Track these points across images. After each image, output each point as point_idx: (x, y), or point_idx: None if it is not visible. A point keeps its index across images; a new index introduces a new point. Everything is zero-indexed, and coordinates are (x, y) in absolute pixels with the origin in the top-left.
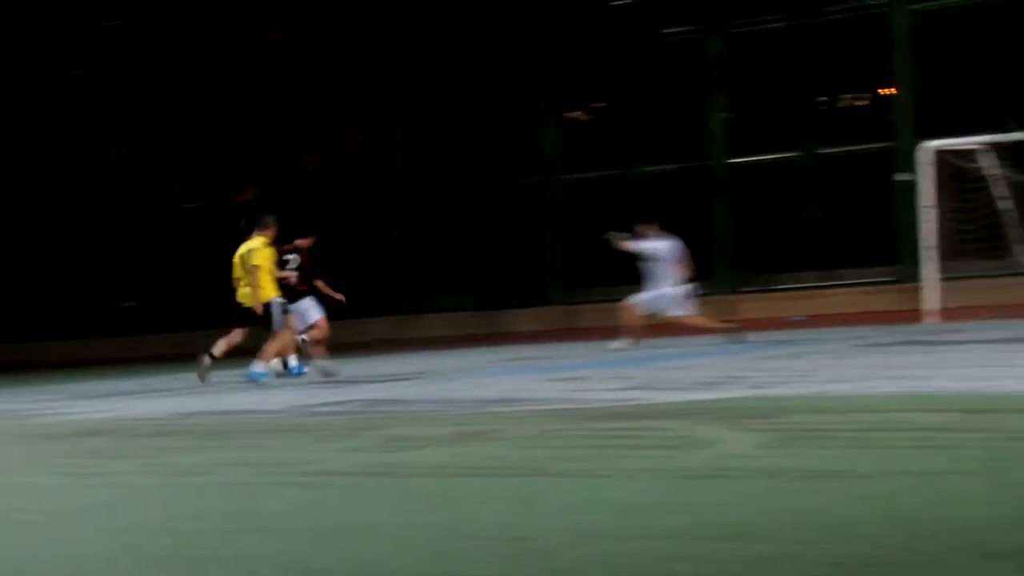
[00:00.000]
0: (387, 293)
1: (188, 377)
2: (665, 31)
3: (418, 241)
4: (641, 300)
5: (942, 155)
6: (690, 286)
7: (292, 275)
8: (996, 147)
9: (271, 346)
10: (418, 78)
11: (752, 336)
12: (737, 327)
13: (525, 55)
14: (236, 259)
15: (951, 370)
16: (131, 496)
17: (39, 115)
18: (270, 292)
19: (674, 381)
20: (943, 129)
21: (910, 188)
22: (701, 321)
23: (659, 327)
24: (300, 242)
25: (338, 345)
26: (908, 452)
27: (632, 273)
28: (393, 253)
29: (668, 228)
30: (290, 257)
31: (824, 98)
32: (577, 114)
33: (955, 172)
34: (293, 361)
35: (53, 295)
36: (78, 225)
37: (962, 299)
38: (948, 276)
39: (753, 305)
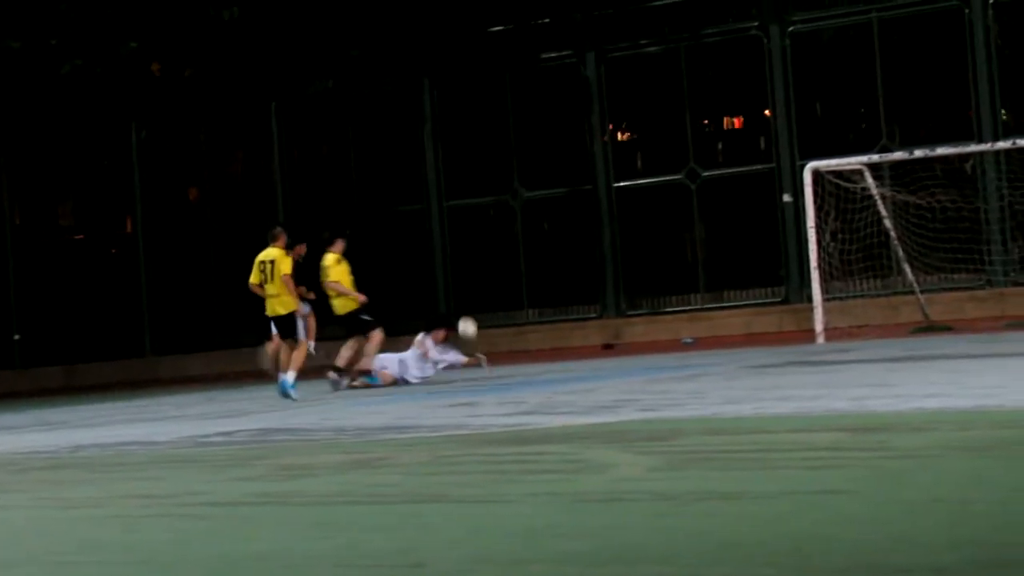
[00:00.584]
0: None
1: (78, 409)
2: (544, 56)
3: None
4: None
5: (824, 176)
6: None
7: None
8: (878, 167)
9: (297, 355)
10: (299, 106)
11: (642, 359)
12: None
13: (405, 81)
14: (265, 268)
15: (839, 390)
16: (20, 530)
17: None
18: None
19: (567, 405)
20: (825, 150)
21: (794, 209)
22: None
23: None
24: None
25: (238, 373)
26: (799, 472)
27: (528, 298)
28: None
29: (555, 253)
30: None
31: (705, 121)
32: (460, 140)
33: (838, 193)
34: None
35: None
36: None
37: (848, 319)
38: (834, 296)
39: (642, 328)
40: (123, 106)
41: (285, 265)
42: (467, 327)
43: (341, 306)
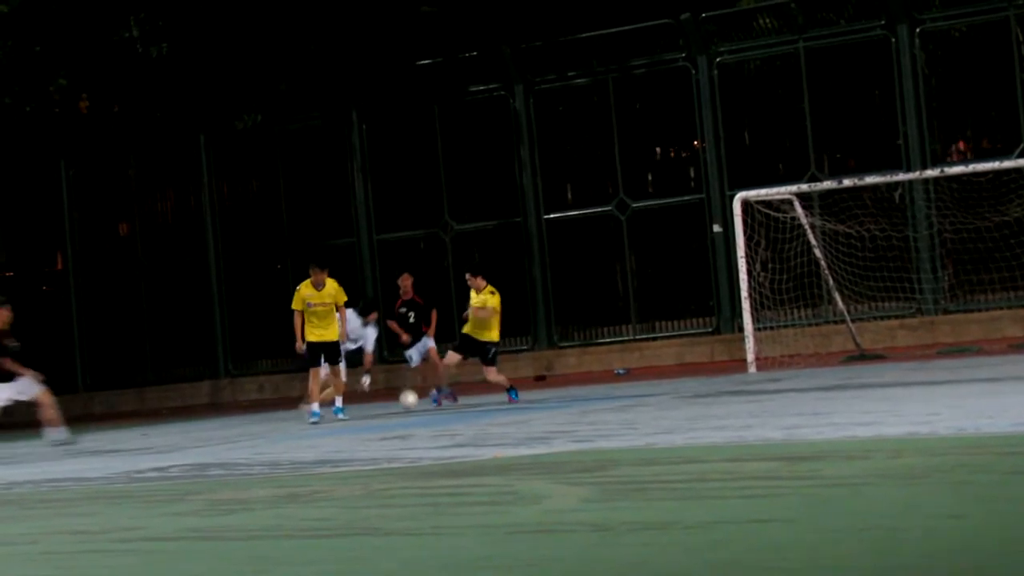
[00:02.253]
0: (207, 357)
1: (9, 446)
2: (472, 88)
3: (236, 304)
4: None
5: (754, 206)
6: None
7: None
8: (807, 196)
9: (340, 382)
10: (228, 141)
11: (575, 390)
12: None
13: (333, 114)
14: (328, 299)
15: (772, 419)
16: None
17: None
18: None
19: (500, 436)
20: (754, 180)
21: (724, 239)
22: None
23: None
24: None
25: (171, 408)
26: (732, 501)
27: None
28: (211, 317)
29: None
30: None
31: (634, 152)
32: (389, 173)
33: (768, 222)
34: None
35: None
36: None
37: (780, 348)
38: (766, 326)
39: (573, 360)
40: (52, 142)
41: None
42: (407, 398)
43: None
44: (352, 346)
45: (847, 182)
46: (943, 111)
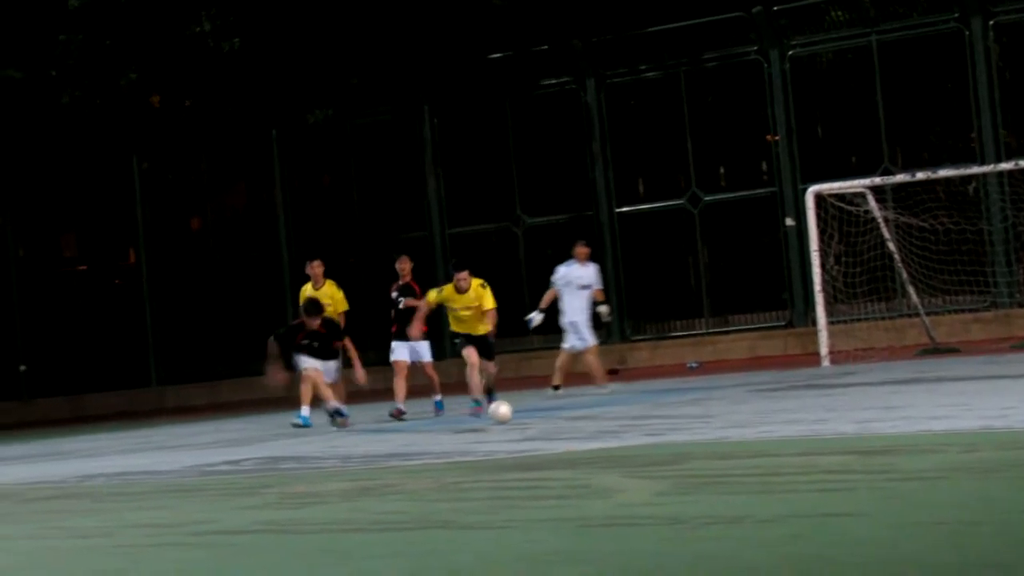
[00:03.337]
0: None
1: (84, 439)
2: (543, 82)
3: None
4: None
5: (827, 199)
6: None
7: None
8: (880, 189)
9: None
10: (300, 135)
11: (647, 384)
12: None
13: (405, 109)
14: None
15: (845, 413)
16: (28, 560)
17: None
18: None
19: (573, 430)
20: (827, 173)
21: (797, 233)
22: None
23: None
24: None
25: (243, 402)
26: (805, 495)
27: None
28: (283, 310)
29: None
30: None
31: (706, 145)
32: (461, 167)
33: (841, 216)
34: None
35: None
36: None
37: (853, 342)
38: (839, 319)
39: (646, 353)
40: (124, 137)
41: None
42: (499, 410)
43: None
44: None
45: (920, 175)
46: (1017, 104)
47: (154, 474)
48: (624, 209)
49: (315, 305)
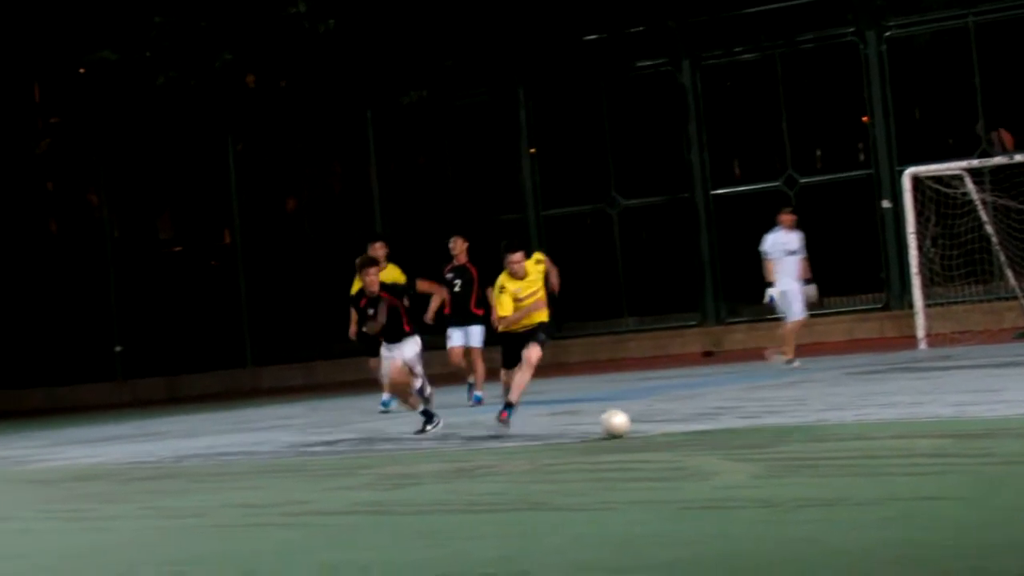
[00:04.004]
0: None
1: (180, 420)
2: (639, 64)
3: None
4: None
5: (923, 181)
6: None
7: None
8: (978, 171)
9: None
10: (395, 116)
11: (743, 366)
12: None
13: (500, 90)
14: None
15: (942, 396)
16: (126, 540)
17: (20, 163)
18: None
19: (667, 412)
20: (923, 155)
21: (893, 215)
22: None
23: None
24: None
25: (339, 383)
26: (901, 479)
27: (627, 306)
28: None
29: (653, 261)
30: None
31: (802, 127)
32: (556, 148)
33: (938, 198)
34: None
35: (40, 341)
36: (65, 272)
37: (951, 324)
38: (936, 302)
39: (741, 336)
40: (219, 118)
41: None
42: (614, 420)
43: None
44: None
45: (1019, 158)
46: None
47: (250, 454)
48: (720, 191)
49: (369, 258)
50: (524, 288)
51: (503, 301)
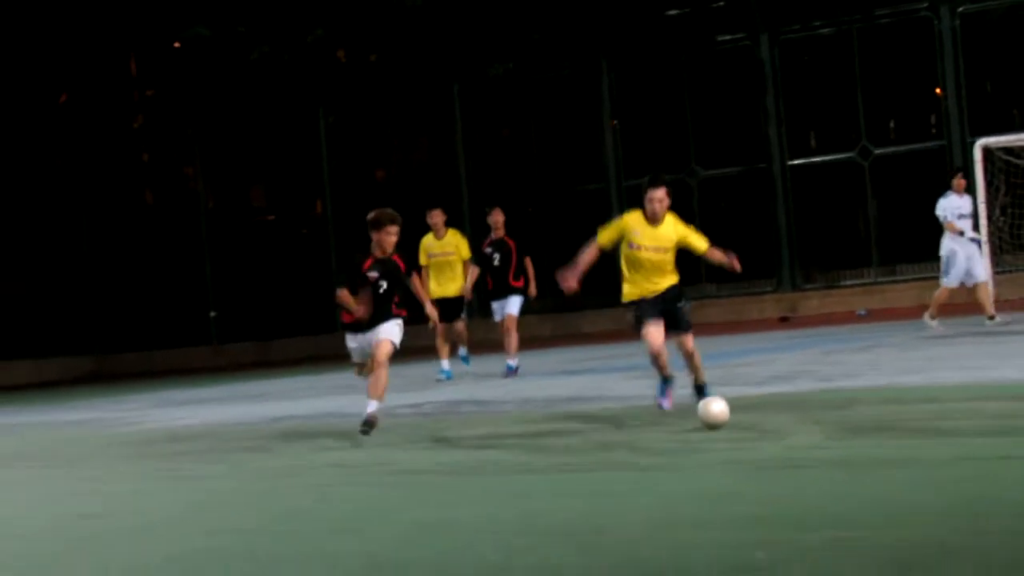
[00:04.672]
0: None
1: (273, 383)
2: (719, 38)
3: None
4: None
5: (994, 152)
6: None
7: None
8: None
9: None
10: (481, 89)
11: (818, 331)
12: None
13: (583, 64)
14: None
15: (1010, 360)
16: (225, 498)
17: (118, 136)
18: None
19: (745, 376)
20: (994, 127)
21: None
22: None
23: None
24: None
25: (424, 348)
26: (972, 439)
27: (706, 273)
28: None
29: (731, 229)
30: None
31: (876, 100)
32: (637, 121)
33: (1008, 168)
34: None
35: (138, 307)
36: (161, 241)
37: (1019, 291)
38: (1005, 269)
39: (816, 301)
40: (311, 91)
41: None
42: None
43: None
44: None
45: None
46: None
47: (341, 416)
48: (796, 162)
49: (392, 214)
50: (654, 237)
51: (609, 236)
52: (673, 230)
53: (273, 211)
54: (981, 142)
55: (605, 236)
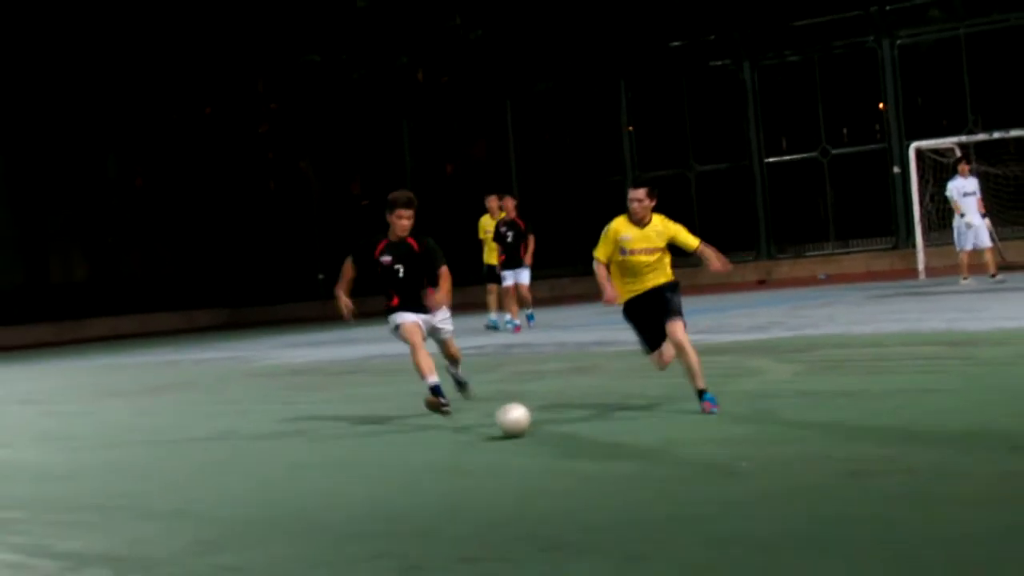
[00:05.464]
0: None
1: (367, 330)
2: (711, 63)
3: (537, 228)
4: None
5: (925, 153)
6: None
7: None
8: (964, 146)
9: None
10: (526, 103)
11: (788, 291)
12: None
13: (607, 84)
14: None
15: (938, 314)
16: (330, 415)
17: (248, 139)
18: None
19: (731, 326)
20: (925, 133)
21: (902, 178)
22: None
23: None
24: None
25: (482, 303)
26: (907, 376)
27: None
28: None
29: (721, 212)
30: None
31: (833, 112)
32: (648, 127)
33: (936, 165)
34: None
35: (262, 271)
36: (280, 219)
37: (944, 260)
38: (932, 244)
39: (787, 268)
40: (397, 105)
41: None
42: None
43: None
44: None
45: (996, 135)
46: None
47: None
48: (771, 159)
49: (408, 196)
50: (639, 239)
51: (605, 250)
52: (662, 228)
53: (367, 197)
54: (915, 145)
55: (602, 252)
